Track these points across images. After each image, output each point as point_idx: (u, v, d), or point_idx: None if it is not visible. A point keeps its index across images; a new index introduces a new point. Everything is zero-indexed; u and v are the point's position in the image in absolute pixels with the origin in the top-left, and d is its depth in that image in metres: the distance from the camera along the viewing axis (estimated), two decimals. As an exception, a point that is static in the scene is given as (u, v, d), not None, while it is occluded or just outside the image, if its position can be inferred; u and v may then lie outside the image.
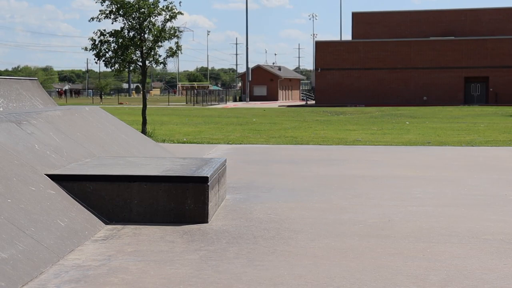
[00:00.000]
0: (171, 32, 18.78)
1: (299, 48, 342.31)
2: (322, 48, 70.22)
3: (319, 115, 38.47)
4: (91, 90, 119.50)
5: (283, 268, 4.90)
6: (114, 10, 18.49)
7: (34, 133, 7.49)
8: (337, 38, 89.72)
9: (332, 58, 68.66)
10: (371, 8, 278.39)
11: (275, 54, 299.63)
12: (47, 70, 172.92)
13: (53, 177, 6.50)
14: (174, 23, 18.94)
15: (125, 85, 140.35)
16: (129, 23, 18.57)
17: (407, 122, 29.71)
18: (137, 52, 18.71)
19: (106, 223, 6.37)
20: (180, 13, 18.76)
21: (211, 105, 67.29)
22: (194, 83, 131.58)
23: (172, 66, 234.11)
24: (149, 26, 18.61)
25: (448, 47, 66.09)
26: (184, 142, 17.40)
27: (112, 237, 5.86)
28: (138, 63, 18.85)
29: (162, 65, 19.60)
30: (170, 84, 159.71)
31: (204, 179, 6.59)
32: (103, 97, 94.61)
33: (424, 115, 36.83)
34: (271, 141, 18.09)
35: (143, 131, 18.39)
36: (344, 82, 68.03)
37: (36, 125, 7.81)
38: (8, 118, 7.38)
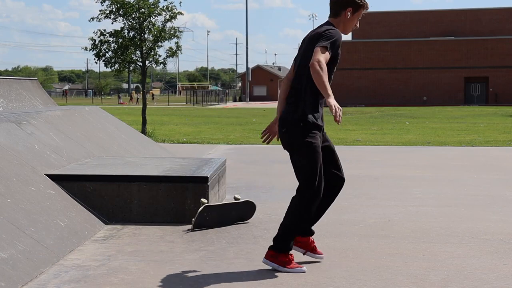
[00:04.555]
0: (171, 32, 18.79)
1: (299, 48, 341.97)
2: (322, 48, 70.11)
3: (319, 115, 38.43)
4: (91, 90, 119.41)
5: (283, 268, 4.89)
6: (114, 10, 18.49)
7: (34, 133, 7.48)
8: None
9: (332, 58, 68.58)
10: (371, 8, 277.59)
11: (275, 54, 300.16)
12: (47, 70, 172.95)
13: (53, 177, 6.50)
14: (174, 23, 18.94)
15: (125, 85, 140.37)
16: (129, 23, 18.57)
17: (407, 122, 29.71)
18: (137, 52, 18.71)
19: (106, 223, 6.37)
20: (180, 13, 18.76)
21: (211, 105, 67.29)
22: (194, 83, 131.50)
23: (172, 66, 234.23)
24: (149, 26, 18.61)
25: (448, 47, 66.08)
26: (184, 142, 17.40)
27: (112, 237, 5.85)
28: (138, 63, 18.85)
29: (162, 65, 19.61)
30: (170, 84, 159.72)
31: (204, 179, 6.59)
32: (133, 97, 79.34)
33: (424, 115, 36.83)
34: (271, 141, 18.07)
35: (143, 131, 18.39)
36: (344, 82, 68.03)
37: (36, 125, 7.81)
38: (8, 118, 7.38)
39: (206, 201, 6.33)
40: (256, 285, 4.48)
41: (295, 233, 4.83)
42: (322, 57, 4.58)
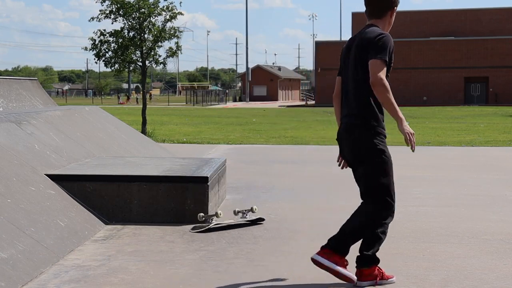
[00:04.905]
0: (171, 32, 18.78)
1: (299, 48, 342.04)
2: (322, 48, 70.18)
3: (319, 115, 38.44)
4: (91, 90, 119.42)
5: (283, 268, 4.90)
6: (114, 10, 18.49)
7: (34, 133, 7.48)
8: (337, 38, 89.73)
9: (332, 58, 68.55)
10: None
11: (275, 54, 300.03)
12: (47, 70, 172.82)
13: (53, 177, 6.50)
14: (174, 23, 18.94)
15: (125, 85, 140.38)
16: (129, 23, 18.57)
17: (407, 122, 29.69)
18: (137, 52, 18.71)
19: (106, 223, 6.37)
20: (180, 13, 18.76)
21: (211, 105, 67.28)
22: (194, 83, 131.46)
23: (172, 66, 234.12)
24: (149, 26, 18.61)
25: (448, 47, 66.05)
26: (184, 142, 17.40)
27: (112, 237, 5.85)
28: (138, 63, 18.84)
29: (162, 65, 19.61)
30: (170, 84, 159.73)
31: (204, 179, 6.59)
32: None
33: (424, 115, 36.83)
34: (271, 141, 18.08)
35: (143, 131, 18.38)
36: (344, 82, 67.90)
37: (36, 125, 7.81)
38: (8, 118, 7.38)
39: (220, 213, 6.29)
40: (256, 285, 4.48)
41: (356, 240, 4.51)
42: (382, 73, 4.30)
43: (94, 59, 18.96)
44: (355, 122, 4.47)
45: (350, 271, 4.47)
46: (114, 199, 6.53)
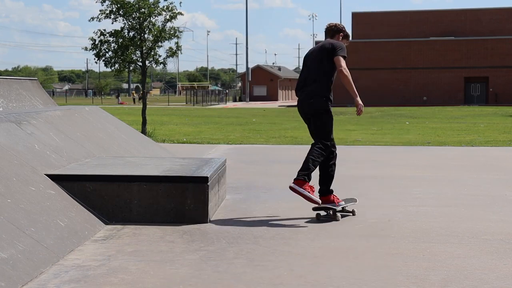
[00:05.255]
0: (171, 32, 18.78)
1: (299, 48, 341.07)
2: (322, 48, 70.02)
3: (319, 115, 38.44)
4: (91, 90, 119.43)
5: (283, 268, 4.90)
6: (114, 10, 18.48)
7: (34, 133, 7.48)
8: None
9: (332, 58, 68.45)
10: (371, 8, 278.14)
11: (275, 54, 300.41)
12: (47, 70, 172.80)
13: (53, 177, 6.50)
14: (174, 23, 18.94)
15: (125, 85, 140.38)
16: (129, 23, 18.56)
17: (407, 122, 29.71)
18: (137, 52, 18.70)
19: (106, 223, 6.37)
20: (180, 13, 18.76)
21: (211, 105, 67.29)
22: (194, 83, 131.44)
23: (172, 66, 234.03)
24: (149, 26, 18.60)
25: (448, 47, 66.04)
26: (184, 142, 17.40)
27: (112, 237, 5.86)
28: (138, 63, 18.84)
29: (162, 65, 19.60)
30: (170, 84, 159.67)
31: (204, 179, 6.59)
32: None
33: (424, 115, 36.83)
34: (271, 141, 18.09)
35: (143, 131, 18.38)
36: (344, 82, 67.93)
37: (36, 125, 7.81)
38: (8, 118, 7.38)
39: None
40: (256, 285, 4.48)
41: (314, 168, 6.80)
42: (344, 63, 6.89)
43: (94, 59, 18.95)
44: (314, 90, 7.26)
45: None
46: (114, 199, 6.53)
